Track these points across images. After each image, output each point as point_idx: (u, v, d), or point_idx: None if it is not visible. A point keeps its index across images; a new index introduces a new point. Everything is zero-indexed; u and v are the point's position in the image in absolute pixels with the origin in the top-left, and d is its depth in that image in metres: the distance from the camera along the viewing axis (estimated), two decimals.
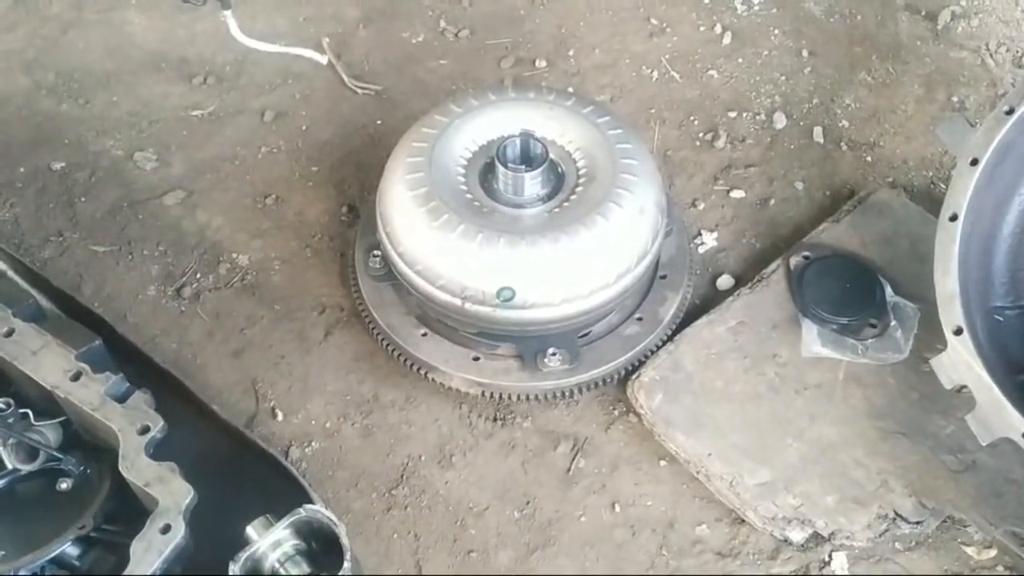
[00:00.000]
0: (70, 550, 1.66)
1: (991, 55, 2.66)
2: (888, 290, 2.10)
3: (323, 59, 2.61)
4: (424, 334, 2.05)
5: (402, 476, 1.98)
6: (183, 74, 2.75)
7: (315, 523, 1.52)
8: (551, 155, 1.98)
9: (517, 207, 1.95)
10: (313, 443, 2.04)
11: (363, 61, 2.76)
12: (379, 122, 2.62)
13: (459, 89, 2.67)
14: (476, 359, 2.01)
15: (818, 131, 2.53)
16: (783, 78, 2.65)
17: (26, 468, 1.72)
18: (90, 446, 1.76)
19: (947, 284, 1.78)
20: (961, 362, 1.73)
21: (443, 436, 2.04)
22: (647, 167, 1.99)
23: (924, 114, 2.55)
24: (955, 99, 2.57)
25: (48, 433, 1.75)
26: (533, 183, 1.95)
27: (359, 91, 2.69)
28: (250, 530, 1.52)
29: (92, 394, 1.69)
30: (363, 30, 2.84)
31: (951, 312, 1.77)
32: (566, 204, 1.94)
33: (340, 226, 2.39)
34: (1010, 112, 1.82)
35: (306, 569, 1.51)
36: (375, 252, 2.10)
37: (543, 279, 1.86)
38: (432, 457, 2.01)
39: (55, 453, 1.72)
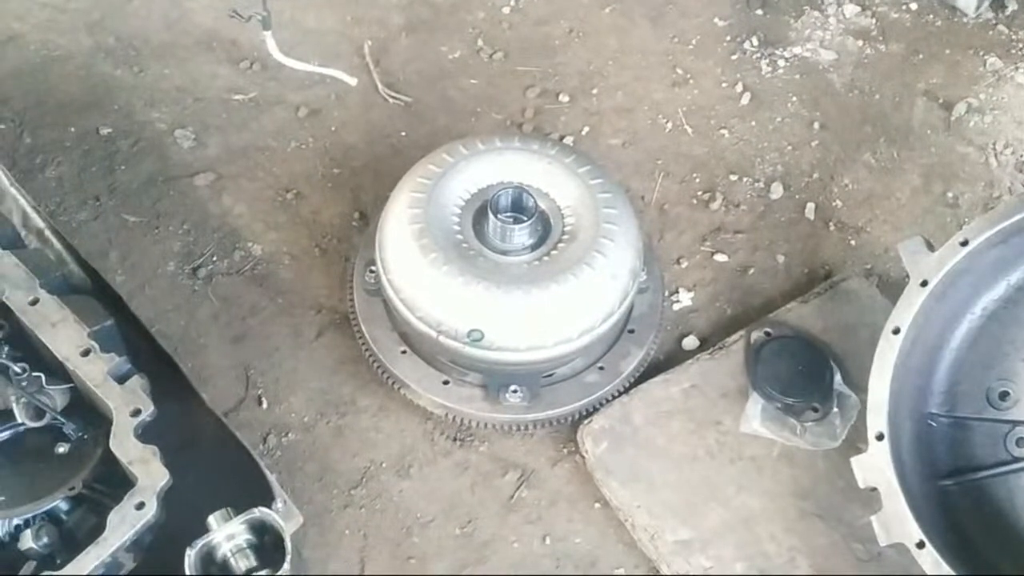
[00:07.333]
0: (61, 505, 1.90)
1: (996, 155, 2.75)
2: (837, 378, 2.24)
3: (352, 81, 2.78)
4: (403, 351, 2.23)
5: (363, 478, 2.20)
6: (232, 56, 2.94)
7: (267, 523, 1.73)
8: (540, 208, 2.14)
9: (503, 253, 2.11)
10: (290, 434, 2.26)
11: (399, 70, 2.92)
12: (403, 134, 2.79)
13: (483, 112, 2.83)
14: (446, 382, 2.20)
15: (811, 207, 2.65)
16: (790, 148, 2.77)
17: (33, 425, 1.96)
18: (92, 413, 1.99)
19: (878, 392, 1.93)
20: (877, 466, 1.89)
21: (405, 447, 2.24)
22: (628, 234, 2.14)
23: (917, 205, 2.65)
24: (950, 194, 2.68)
25: (57, 396, 1.98)
26: (520, 234, 2.11)
27: (390, 100, 2.85)
28: (211, 519, 1.74)
29: (96, 371, 1.90)
30: (405, 38, 3.00)
31: (877, 418, 1.92)
32: (546, 258, 2.10)
33: (350, 230, 2.58)
34: (965, 243, 1.95)
35: (253, 563, 1.72)
36: (372, 267, 2.27)
37: (512, 326, 2.04)
38: (392, 465, 2.21)
39: (59, 417, 1.95)
